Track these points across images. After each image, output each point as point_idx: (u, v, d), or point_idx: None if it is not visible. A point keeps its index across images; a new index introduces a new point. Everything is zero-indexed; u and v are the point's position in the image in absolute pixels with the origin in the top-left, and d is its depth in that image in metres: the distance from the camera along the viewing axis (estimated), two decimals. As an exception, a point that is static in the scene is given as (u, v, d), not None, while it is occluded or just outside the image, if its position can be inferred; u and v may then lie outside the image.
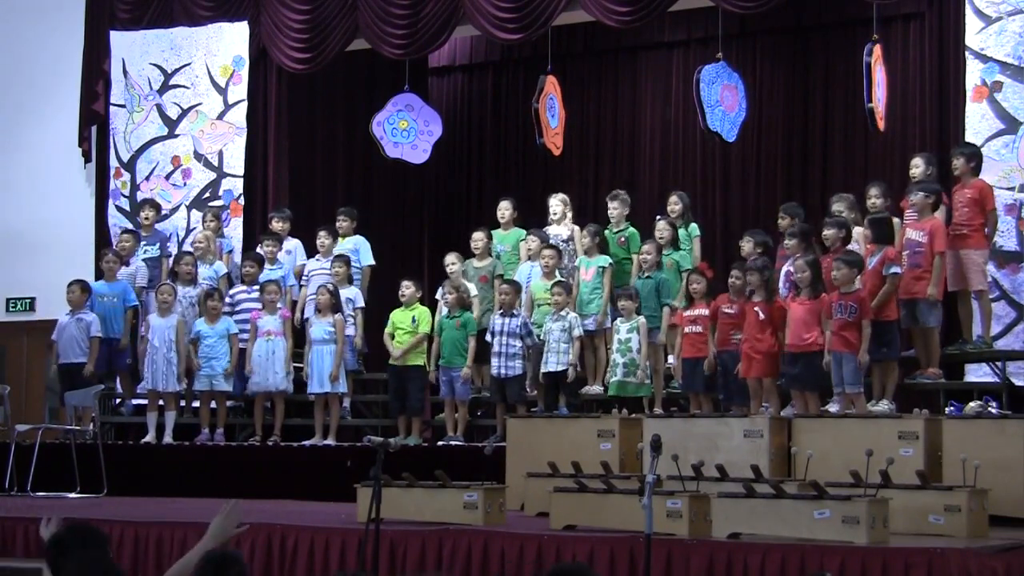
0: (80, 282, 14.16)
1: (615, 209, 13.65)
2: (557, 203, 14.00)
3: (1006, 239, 12.26)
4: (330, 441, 13.40)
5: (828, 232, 11.82)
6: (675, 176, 16.45)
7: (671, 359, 12.82)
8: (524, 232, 14.12)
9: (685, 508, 8.38)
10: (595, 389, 12.96)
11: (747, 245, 12.69)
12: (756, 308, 11.62)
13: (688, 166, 16.54)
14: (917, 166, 12.29)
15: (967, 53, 12.73)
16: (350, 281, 14.05)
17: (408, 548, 8.93)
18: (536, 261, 13.38)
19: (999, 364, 11.85)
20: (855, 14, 14.39)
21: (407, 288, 13.49)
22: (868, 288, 11.31)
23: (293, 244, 14.86)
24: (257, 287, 14.04)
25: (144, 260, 15.02)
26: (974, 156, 11.93)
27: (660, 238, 13.14)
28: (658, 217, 13.60)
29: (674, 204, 13.65)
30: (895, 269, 11.35)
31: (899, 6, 14.64)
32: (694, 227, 13.69)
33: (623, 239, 13.54)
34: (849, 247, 11.70)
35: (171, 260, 15.19)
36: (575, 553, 8.40)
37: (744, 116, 13.80)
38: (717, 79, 13.56)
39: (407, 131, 14.93)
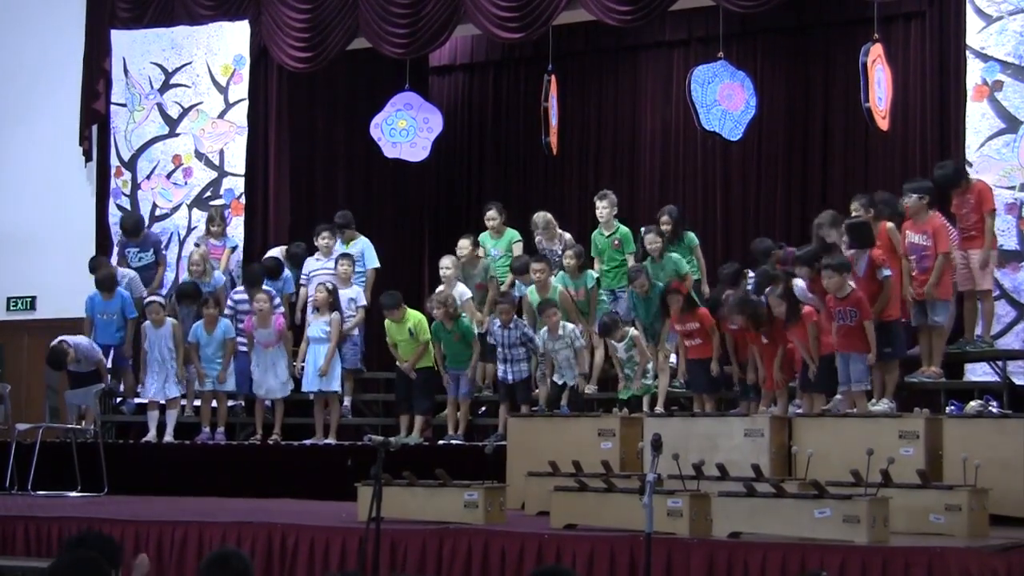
0: (63, 354, 13.93)
1: (603, 209, 13.52)
2: (541, 230, 13.78)
3: (1006, 238, 12.24)
4: (330, 440, 13.40)
5: (801, 270, 11.52)
6: (675, 176, 16.45)
7: (673, 358, 12.79)
8: (516, 233, 14.09)
9: (686, 507, 8.38)
10: (590, 389, 12.94)
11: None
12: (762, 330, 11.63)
13: (688, 165, 16.52)
14: (856, 210, 12.06)
15: (968, 52, 12.72)
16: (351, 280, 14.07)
17: (409, 547, 8.94)
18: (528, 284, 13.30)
19: (1000, 363, 11.84)
20: (856, 13, 14.37)
21: (390, 312, 13.30)
22: (863, 293, 11.20)
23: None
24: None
25: (136, 268, 15.01)
26: (925, 190, 11.74)
27: (652, 250, 12.97)
28: (644, 229, 13.37)
29: (664, 225, 13.28)
30: (887, 273, 11.29)
31: (900, 5, 14.63)
32: (691, 236, 13.56)
33: (617, 241, 13.46)
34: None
35: (167, 261, 15.28)
36: (575, 552, 8.40)
37: (753, 114, 13.75)
38: (714, 78, 13.53)
39: (405, 130, 14.91)
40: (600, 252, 13.52)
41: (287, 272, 14.59)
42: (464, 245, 13.90)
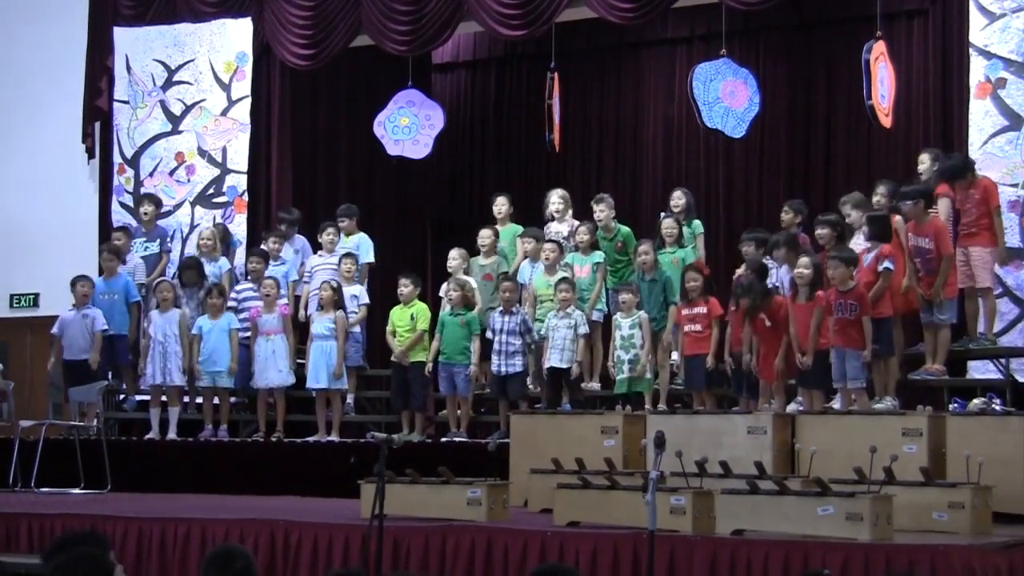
0: (87, 278, 14.15)
1: (601, 212, 13.47)
2: (557, 199, 13.96)
3: (1010, 236, 12.22)
4: (333, 437, 13.40)
5: (823, 231, 11.81)
6: (678, 173, 16.44)
7: (675, 355, 12.81)
8: (521, 228, 14.11)
9: (688, 505, 8.37)
10: (593, 385, 12.95)
11: (748, 249, 12.53)
12: (761, 315, 11.61)
13: (691, 163, 16.54)
14: (923, 162, 12.30)
15: (971, 50, 12.72)
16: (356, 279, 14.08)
17: (411, 544, 8.94)
18: (535, 261, 13.34)
19: (1003, 361, 11.84)
20: (859, 11, 14.35)
21: (405, 287, 13.45)
22: (863, 284, 11.25)
23: (300, 242, 14.86)
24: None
25: (143, 257, 15.02)
26: (960, 170, 11.80)
27: (667, 235, 13.10)
28: (663, 214, 13.55)
29: (678, 200, 13.58)
30: (887, 265, 11.30)
31: (902, 2, 14.66)
32: (697, 224, 13.65)
33: (620, 243, 13.48)
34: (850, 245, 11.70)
35: (170, 256, 15.24)
36: (578, 549, 8.40)
37: (757, 111, 13.73)
38: (716, 76, 13.53)
39: (408, 127, 14.92)
40: (604, 254, 13.52)
41: (289, 256, 14.56)
42: (486, 235, 13.91)
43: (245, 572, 5.59)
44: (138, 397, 14.78)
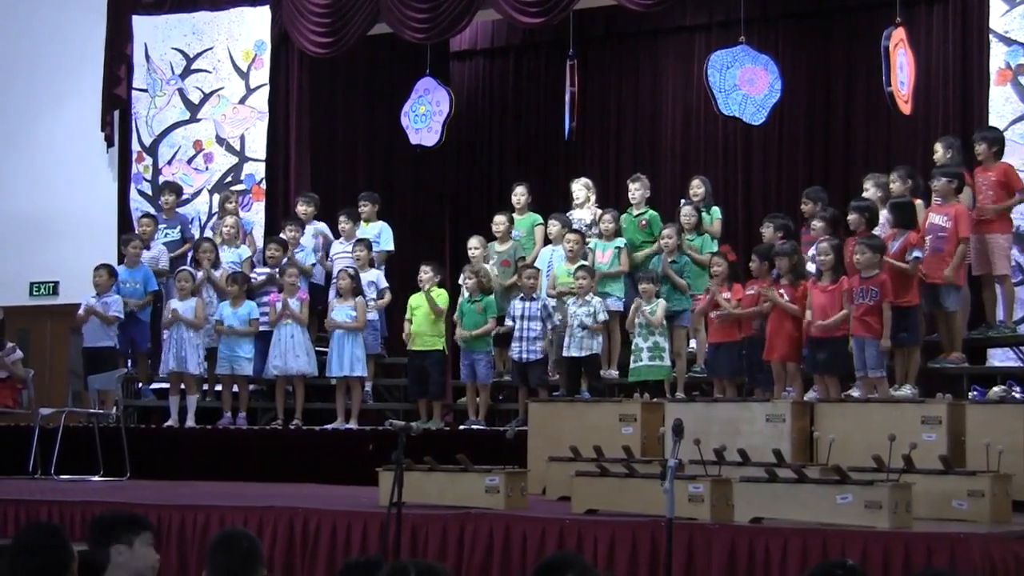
0: (107, 266, 14.18)
1: (636, 191, 13.63)
2: (580, 188, 14.01)
3: (1030, 222, 12.22)
4: (352, 425, 13.42)
5: (852, 216, 11.78)
6: (696, 160, 16.42)
7: (692, 343, 12.80)
8: (539, 217, 14.14)
9: (707, 492, 8.36)
10: (612, 373, 12.95)
11: (767, 231, 12.63)
12: (781, 291, 11.59)
13: (709, 150, 16.51)
14: (936, 151, 12.25)
15: (991, 36, 12.67)
16: (372, 264, 14.08)
17: (430, 532, 8.94)
18: (558, 245, 13.37)
19: (1022, 349, 11.80)
20: (878, -3, 14.35)
21: (424, 273, 13.45)
22: (888, 272, 11.24)
23: (320, 227, 14.89)
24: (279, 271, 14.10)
25: (164, 244, 15.05)
26: (996, 140, 11.86)
27: (686, 223, 13.13)
28: (683, 201, 13.58)
29: (696, 188, 13.64)
30: (916, 254, 11.28)
31: (922, -11, 14.58)
32: (716, 210, 13.70)
33: (644, 222, 13.52)
34: (875, 231, 11.67)
35: (192, 243, 15.26)
36: (596, 537, 8.40)
37: (778, 98, 13.66)
38: (734, 63, 13.46)
39: (424, 115, 14.93)
40: (624, 231, 13.53)
41: (308, 243, 14.58)
42: (500, 221, 13.95)
43: (251, 553, 5.62)
44: (154, 385, 14.83)
